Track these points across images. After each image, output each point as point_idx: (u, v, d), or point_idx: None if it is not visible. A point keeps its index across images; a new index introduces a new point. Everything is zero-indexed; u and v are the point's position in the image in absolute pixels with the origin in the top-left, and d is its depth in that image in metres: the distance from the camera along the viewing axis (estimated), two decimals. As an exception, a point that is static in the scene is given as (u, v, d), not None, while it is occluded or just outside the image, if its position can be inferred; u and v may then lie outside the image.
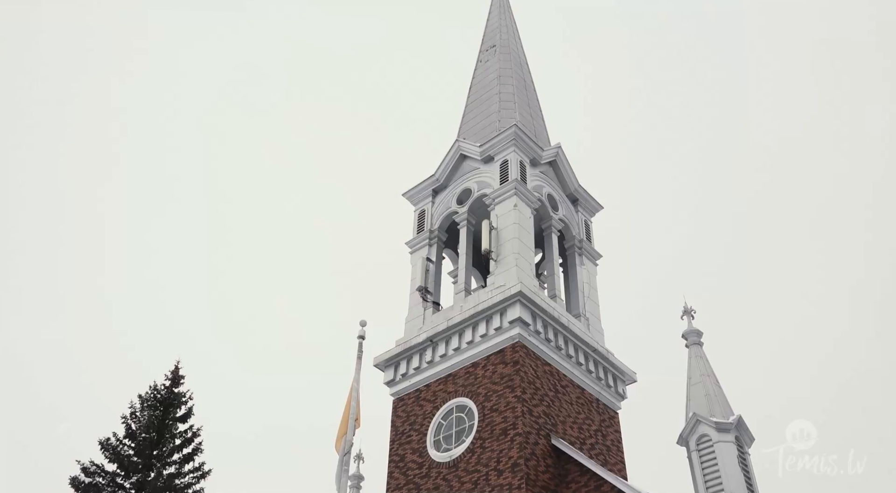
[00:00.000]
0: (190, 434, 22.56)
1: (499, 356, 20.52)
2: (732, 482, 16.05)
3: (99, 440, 21.70)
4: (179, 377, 23.76)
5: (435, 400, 21.22)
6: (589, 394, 21.91)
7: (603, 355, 22.51)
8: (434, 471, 19.75)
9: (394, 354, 22.72)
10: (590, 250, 25.79)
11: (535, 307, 20.96)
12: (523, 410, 19.08)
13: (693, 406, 17.53)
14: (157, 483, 20.97)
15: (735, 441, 16.83)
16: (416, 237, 25.59)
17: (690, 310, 19.52)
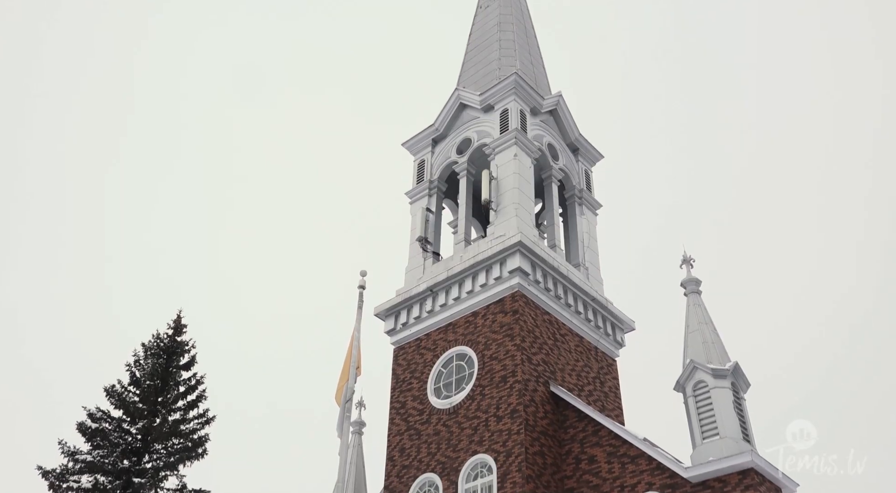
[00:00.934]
0: (193, 382, 22.91)
1: (498, 306, 20.70)
2: (728, 427, 16.34)
3: (104, 387, 22.08)
4: (182, 327, 24.00)
5: (435, 349, 21.48)
6: (588, 342, 22.16)
7: (602, 303, 22.69)
8: (434, 417, 20.12)
9: (394, 303, 22.91)
10: (590, 200, 25.75)
11: (534, 257, 21.05)
12: (522, 358, 19.33)
13: (690, 353, 17.73)
14: (162, 429, 21.41)
15: (731, 387, 17.08)
16: (416, 187, 25.52)
17: (689, 259, 19.58)
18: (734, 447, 15.97)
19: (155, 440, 21.61)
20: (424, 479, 19.30)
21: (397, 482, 19.77)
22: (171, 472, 21.23)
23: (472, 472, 18.60)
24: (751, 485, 15.39)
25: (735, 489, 15.53)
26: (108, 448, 21.20)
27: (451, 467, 18.89)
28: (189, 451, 21.51)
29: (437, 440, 19.65)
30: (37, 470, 20.54)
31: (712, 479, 15.92)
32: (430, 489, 19.19)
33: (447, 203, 26.32)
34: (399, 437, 20.55)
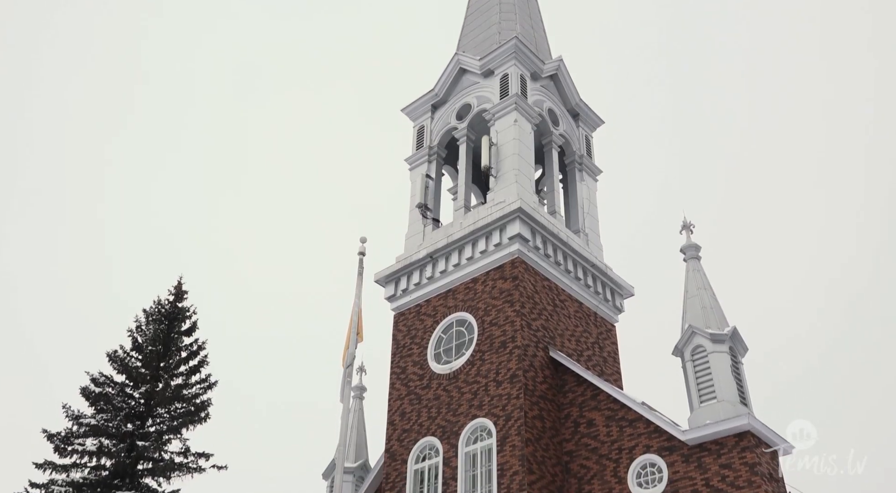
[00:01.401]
0: (195, 347, 23.06)
1: (498, 272, 20.75)
2: (725, 390, 16.50)
3: (107, 352, 22.24)
4: (182, 293, 24.08)
5: (435, 315, 21.59)
6: (587, 308, 22.26)
7: (601, 269, 22.74)
8: (434, 382, 20.30)
9: (394, 270, 22.97)
10: (590, 166, 25.66)
11: (534, 223, 21.04)
12: (522, 323, 19.44)
13: (689, 318, 17.83)
14: (165, 393, 21.62)
15: (729, 352, 17.21)
16: (416, 154, 25.41)
17: (689, 225, 19.59)
18: (731, 410, 16.15)
19: (158, 405, 21.83)
20: (425, 442, 19.55)
21: (398, 446, 20.03)
22: (175, 435, 21.49)
23: (472, 435, 18.84)
24: (747, 447, 15.59)
25: (732, 451, 15.74)
26: (112, 412, 21.45)
27: (451, 431, 19.12)
28: (192, 415, 21.75)
29: (437, 404, 19.86)
30: (42, 434, 20.83)
31: (709, 441, 16.12)
32: (430, 452, 19.44)
33: (447, 170, 26.24)
34: (400, 401, 20.76)
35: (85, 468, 20.69)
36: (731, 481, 15.42)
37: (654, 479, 16.64)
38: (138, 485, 20.49)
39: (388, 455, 20.14)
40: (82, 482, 20.26)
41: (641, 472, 16.89)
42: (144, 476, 20.92)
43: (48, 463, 20.46)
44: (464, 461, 18.56)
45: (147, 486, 20.50)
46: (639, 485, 16.78)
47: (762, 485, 15.08)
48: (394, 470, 19.73)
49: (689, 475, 16.09)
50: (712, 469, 15.79)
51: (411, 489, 19.10)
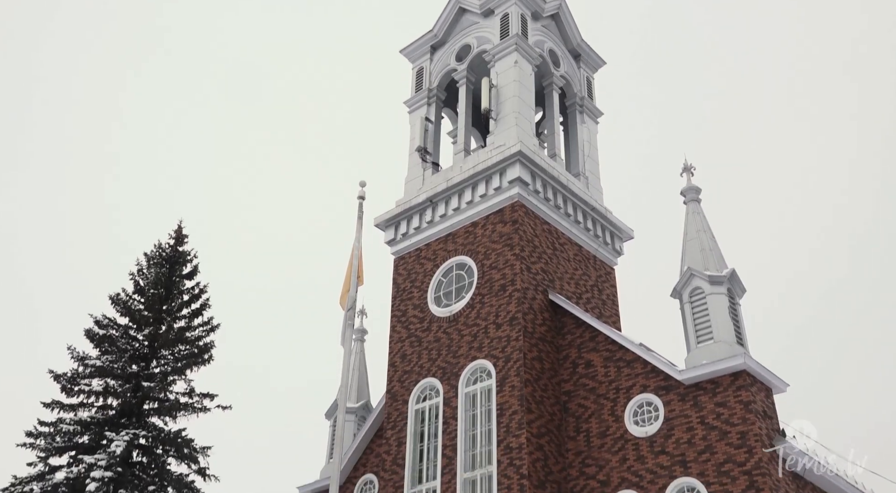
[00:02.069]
0: (197, 291, 23.22)
1: (498, 216, 20.76)
2: (722, 331, 16.70)
3: (109, 295, 22.41)
4: (183, 237, 24.10)
5: (435, 259, 21.69)
6: (586, 251, 22.34)
7: (601, 213, 22.73)
8: (435, 325, 20.52)
9: (394, 214, 22.96)
10: (591, 108, 25.39)
11: (534, 167, 20.94)
12: (521, 267, 19.54)
13: (688, 260, 17.91)
14: (168, 336, 21.89)
15: (727, 293, 17.35)
16: (415, 96, 25.11)
17: (690, 167, 19.50)
18: (728, 351, 16.37)
19: (161, 347, 22.13)
20: (425, 383, 19.87)
21: (399, 387, 20.37)
22: (179, 377, 21.85)
23: (472, 376, 19.14)
24: (742, 386, 15.86)
25: (727, 389, 16.02)
26: (117, 354, 21.75)
27: (452, 372, 19.42)
28: (195, 357, 22.07)
29: (437, 346, 20.12)
30: (48, 374, 21.19)
31: (705, 381, 16.40)
32: (430, 392, 19.79)
33: (447, 112, 25.97)
34: (400, 344, 21.02)
35: (92, 408, 21.13)
36: (726, 418, 15.74)
37: (650, 417, 16.98)
38: (145, 424, 20.95)
39: (390, 396, 20.50)
40: (90, 421, 20.71)
41: (638, 411, 17.23)
42: (150, 416, 21.36)
43: (56, 403, 20.87)
44: (464, 401, 18.90)
45: (153, 425, 20.95)
46: (635, 423, 17.14)
47: (756, 422, 15.40)
48: (395, 410, 20.11)
49: (684, 414, 16.41)
50: (708, 407, 16.10)
51: (412, 428, 19.51)
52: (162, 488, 20.04)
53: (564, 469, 17.78)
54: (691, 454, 15.91)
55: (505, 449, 17.39)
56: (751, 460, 15.07)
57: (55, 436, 20.26)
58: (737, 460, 15.24)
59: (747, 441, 15.26)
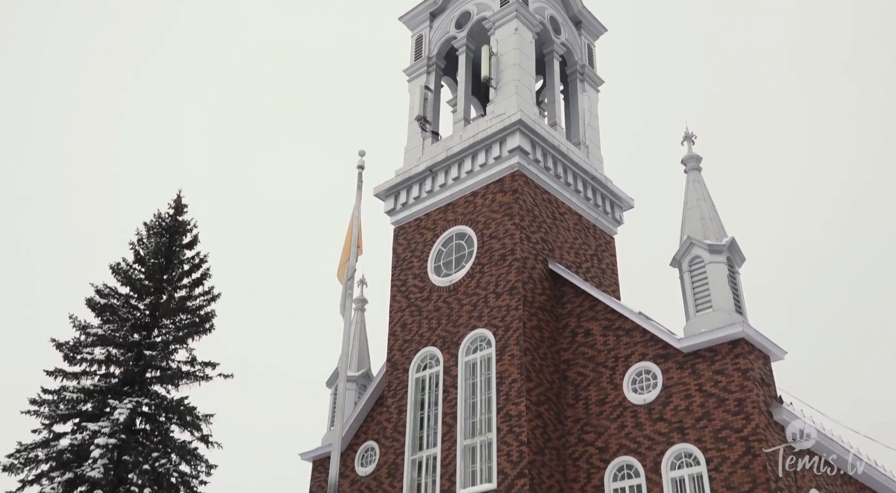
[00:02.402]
0: (197, 260, 23.22)
1: (498, 185, 20.70)
2: (721, 300, 16.76)
3: (110, 265, 22.43)
4: (182, 206, 24.05)
5: (435, 228, 21.68)
6: (586, 220, 22.33)
7: (601, 182, 22.67)
8: (435, 294, 20.59)
9: (393, 184, 22.90)
10: (592, 76, 25.17)
11: (534, 136, 20.83)
12: (521, 236, 19.54)
13: (688, 229, 17.91)
14: (169, 305, 21.96)
15: (726, 262, 17.38)
16: (414, 64, 24.88)
17: (691, 136, 19.39)
18: (726, 319, 16.45)
19: (163, 316, 22.21)
20: (426, 352, 20.00)
21: (399, 356, 20.50)
22: (181, 345, 21.96)
23: (472, 345, 19.25)
24: (740, 354, 15.97)
25: (726, 357, 16.12)
26: (118, 323, 21.84)
27: (452, 341, 19.53)
28: (197, 326, 22.16)
29: (437, 315, 20.20)
30: (51, 342, 21.30)
31: (704, 349, 16.50)
32: (431, 361, 19.92)
33: (446, 81, 25.76)
34: (400, 313, 21.11)
35: (95, 376, 21.28)
36: (724, 386, 15.87)
37: (648, 385, 17.12)
38: (147, 392, 21.11)
39: (390, 365, 20.65)
40: (93, 389, 20.87)
41: (637, 378, 17.36)
42: (153, 384, 21.53)
43: (58, 371, 21.01)
44: (464, 369, 19.04)
45: (156, 393, 21.13)
46: (634, 391, 17.28)
47: (754, 389, 15.53)
48: (395, 379, 20.27)
49: (682, 381, 16.54)
50: (706, 375, 16.22)
51: (412, 396, 19.68)
52: (165, 454, 20.27)
53: (563, 436, 17.98)
54: (689, 421, 16.07)
55: (504, 417, 17.56)
56: (748, 426, 15.22)
57: (59, 404, 20.45)
58: (734, 426, 15.40)
59: (745, 408, 15.40)
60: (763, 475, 14.65)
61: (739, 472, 14.98)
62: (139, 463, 19.39)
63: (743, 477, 14.90)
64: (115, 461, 19.30)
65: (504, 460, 17.06)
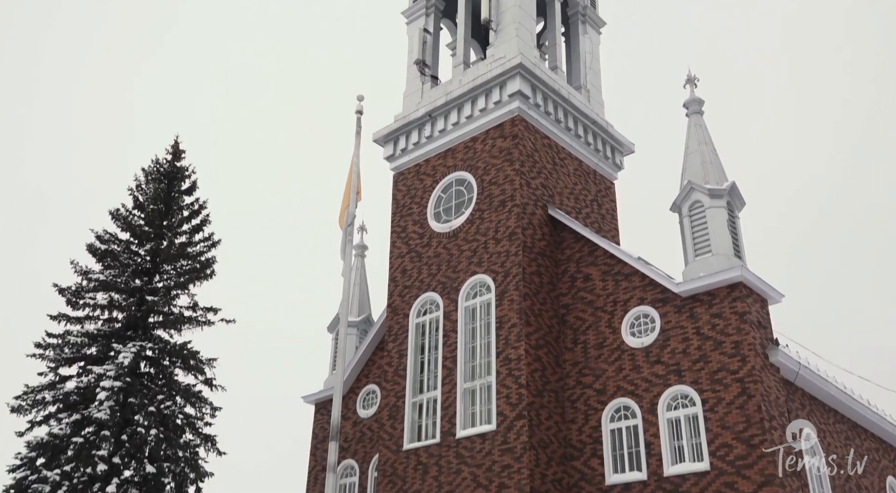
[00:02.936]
0: (197, 206, 23.17)
1: (498, 130, 20.52)
2: (720, 244, 16.80)
3: (109, 211, 22.39)
4: (180, 152, 23.89)
5: (434, 174, 21.58)
6: (586, 166, 22.21)
7: (602, 126, 22.47)
8: (434, 240, 20.63)
9: (392, 129, 22.70)
10: (594, 18, 24.69)
11: (535, 80, 20.56)
12: (521, 182, 19.47)
13: (688, 174, 17.83)
14: (170, 251, 21.98)
15: (726, 207, 17.36)
16: (413, 6, 24.36)
17: (693, 79, 19.13)
18: (725, 263, 16.52)
19: (164, 262, 22.27)
20: (426, 298, 20.15)
21: (400, 301, 20.66)
22: (182, 291, 22.09)
23: (472, 291, 19.38)
24: (738, 297, 16.09)
25: (724, 301, 16.25)
26: (119, 268, 21.93)
27: (452, 286, 19.65)
28: (198, 272, 22.24)
29: (437, 261, 20.28)
30: (53, 287, 21.43)
31: (702, 293, 16.62)
32: (431, 306, 20.09)
33: (445, 24, 25.27)
34: (400, 259, 21.19)
35: (98, 321, 21.48)
36: (721, 329, 16.04)
37: (646, 329, 17.30)
38: (150, 336, 21.33)
39: (391, 310, 20.82)
40: (96, 333, 21.10)
41: (635, 322, 17.54)
42: (156, 328, 21.73)
43: (62, 315, 21.20)
44: (463, 314, 19.22)
45: (159, 337, 21.35)
46: (632, 335, 17.48)
47: (750, 332, 15.71)
48: (396, 324, 20.47)
49: (680, 325, 16.71)
50: (703, 319, 16.38)
51: (413, 341, 19.91)
52: (170, 397, 20.62)
53: (562, 379, 18.25)
54: (686, 364, 16.30)
55: (504, 360, 17.80)
56: (744, 368, 15.45)
57: (63, 347, 20.70)
58: (730, 368, 15.63)
59: (741, 350, 15.60)
60: (757, 414, 14.93)
61: (734, 412, 15.26)
62: (145, 405, 19.73)
63: (738, 417, 15.19)
64: (121, 404, 19.65)
65: (503, 402, 17.36)
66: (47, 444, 19.11)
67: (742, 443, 14.95)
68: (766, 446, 14.61)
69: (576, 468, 17.11)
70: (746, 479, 14.68)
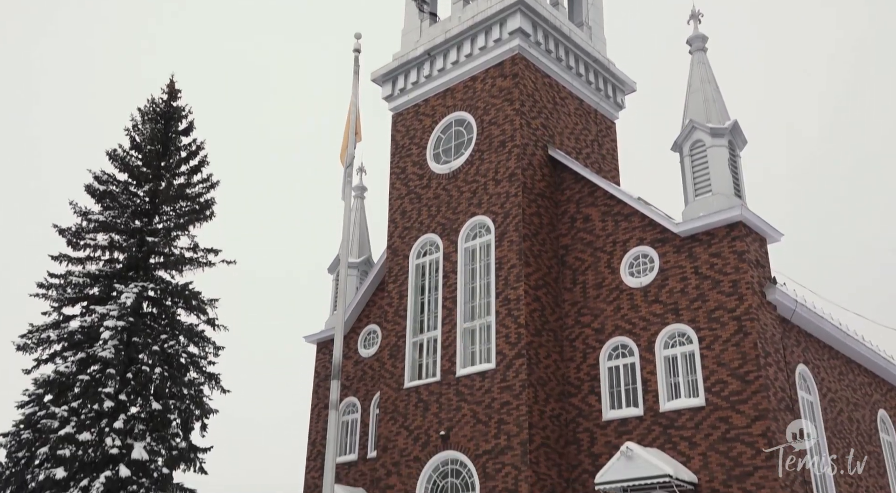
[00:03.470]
0: (194, 147, 22.98)
1: (498, 69, 20.23)
2: (720, 183, 16.76)
3: (106, 151, 22.18)
4: (176, 92, 23.54)
5: (434, 115, 21.36)
6: (587, 105, 21.97)
7: (604, 64, 22.13)
8: (434, 182, 20.56)
9: (391, 68, 22.37)
10: (597, -49, 24.03)
11: (535, 16, 20.15)
12: (521, 122, 19.29)
13: (690, 113, 17.65)
14: (168, 192, 21.88)
15: (728, 145, 17.24)
16: (411, -60, 23.69)
17: (698, 14, 18.74)
18: (725, 202, 16.51)
19: (163, 203, 22.20)
20: (425, 239, 20.21)
21: (399, 242, 20.73)
22: (182, 232, 22.08)
23: (472, 232, 19.43)
24: (737, 236, 16.14)
25: (722, 240, 16.31)
26: (119, 209, 21.87)
27: (451, 228, 19.68)
28: (197, 213, 22.19)
29: (436, 203, 20.26)
30: (53, 228, 21.44)
31: (701, 233, 16.66)
32: (430, 248, 20.17)
33: (444, -42, 24.60)
34: (400, 201, 21.16)
35: (99, 261, 21.55)
36: (720, 268, 16.15)
37: (645, 269, 17.41)
38: (152, 277, 21.44)
39: (391, 251, 20.91)
40: (98, 274, 21.20)
41: (634, 263, 17.64)
42: (157, 269, 21.81)
43: (63, 256, 21.25)
44: (463, 255, 19.31)
45: (160, 278, 21.46)
46: (631, 275, 17.60)
47: (749, 271, 15.82)
48: (396, 265, 20.58)
49: (679, 264, 16.81)
50: (702, 258, 16.48)
51: (413, 281, 20.06)
52: (174, 336, 20.86)
53: (561, 319, 18.47)
54: (684, 303, 16.46)
55: (503, 301, 17.97)
56: (741, 306, 15.62)
57: (66, 287, 20.82)
58: (727, 306, 15.80)
59: (739, 289, 15.74)
60: (753, 352, 15.17)
61: (730, 349, 15.50)
62: (148, 344, 19.98)
63: (734, 354, 15.44)
64: (125, 343, 19.90)
65: (503, 341, 17.60)
66: (54, 381, 19.44)
67: (737, 379, 15.23)
68: (760, 382, 14.89)
69: (573, 405, 17.47)
70: (741, 414, 15.01)
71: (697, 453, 15.27)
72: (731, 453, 14.87)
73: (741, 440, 14.84)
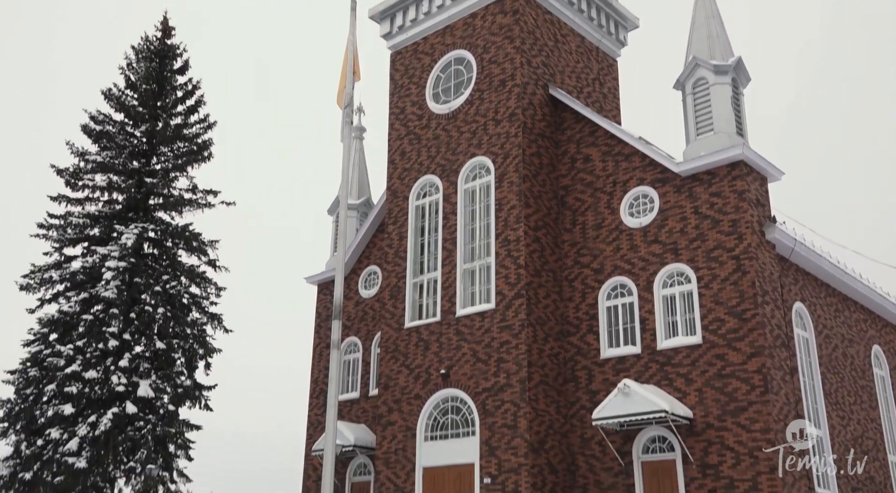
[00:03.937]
0: (190, 87, 22.63)
1: (498, 6, 19.80)
2: (723, 122, 16.60)
3: (101, 91, 21.84)
4: (170, 29, 23.05)
5: (433, 53, 21.01)
6: (589, 43, 21.59)
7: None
8: (434, 122, 20.36)
9: (389, 5, 21.90)
10: None
11: (537, -51, 19.63)
12: (522, 61, 18.99)
13: (694, 50, 17.36)
14: (166, 132, 21.65)
15: (731, 83, 17.02)
16: None
17: (704, -53, 18.22)
18: (727, 142, 16.40)
19: (160, 143, 22.01)
20: (425, 180, 20.13)
21: (399, 184, 20.66)
22: (181, 173, 21.96)
23: (471, 173, 19.34)
24: (738, 176, 16.08)
25: (723, 180, 16.26)
26: (116, 150, 21.69)
27: (451, 169, 19.58)
28: (195, 154, 22.02)
29: (436, 143, 20.11)
30: (51, 168, 21.29)
31: (702, 172, 16.60)
32: (430, 189, 20.11)
33: None
34: (399, 141, 21.00)
35: (98, 202, 21.50)
36: (720, 207, 16.14)
37: (645, 209, 17.40)
38: (152, 218, 21.43)
39: (390, 192, 20.86)
40: (98, 215, 21.19)
41: (634, 203, 17.62)
42: (156, 211, 21.78)
43: (62, 197, 21.19)
44: (463, 196, 19.27)
45: (160, 219, 21.45)
46: (630, 215, 17.60)
47: (748, 210, 15.82)
48: (396, 206, 20.56)
49: (679, 204, 16.80)
50: (702, 198, 16.45)
51: (413, 223, 20.07)
52: (175, 277, 20.97)
53: (560, 259, 18.56)
54: (683, 242, 16.52)
55: (503, 242, 18.02)
56: (740, 245, 15.68)
57: (66, 228, 20.82)
58: (726, 246, 15.86)
59: (738, 229, 15.77)
60: (751, 290, 15.30)
61: (728, 288, 15.63)
62: (150, 285, 20.11)
63: (731, 293, 15.57)
64: (127, 283, 20.03)
65: (502, 282, 17.73)
66: (58, 321, 19.65)
67: (734, 317, 15.41)
68: (757, 319, 15.07)
69: (572, 344, 17.71)
70: (737, 351, 15.24)
71: (693, 389, 15.57)
72: (727, 389, 15.16)
73: (736, 376, 15.11)
